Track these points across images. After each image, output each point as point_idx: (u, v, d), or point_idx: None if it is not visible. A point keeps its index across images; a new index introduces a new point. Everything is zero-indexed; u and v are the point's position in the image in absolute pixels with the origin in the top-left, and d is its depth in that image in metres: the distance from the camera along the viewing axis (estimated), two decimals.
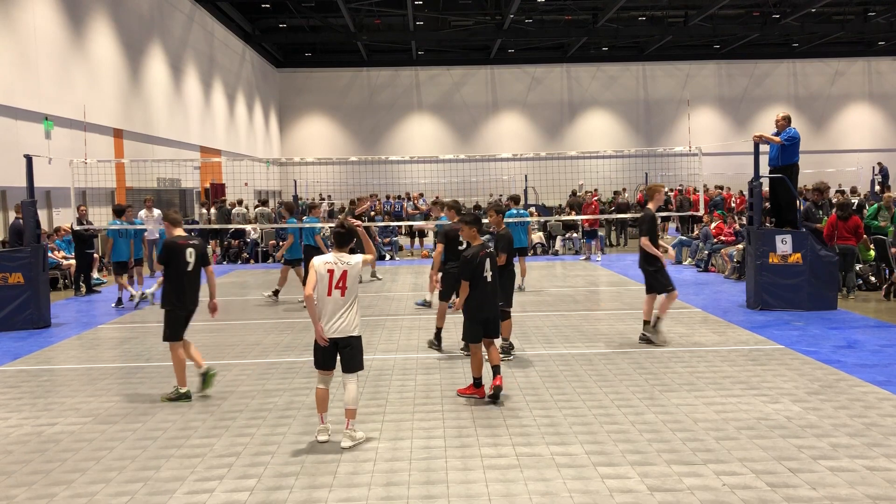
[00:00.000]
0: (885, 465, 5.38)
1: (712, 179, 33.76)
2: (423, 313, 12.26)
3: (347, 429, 6.03)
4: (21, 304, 11.49)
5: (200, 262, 7.56)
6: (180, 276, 7.43)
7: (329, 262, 6.01)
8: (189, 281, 7.46)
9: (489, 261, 7.14)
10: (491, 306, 7.14)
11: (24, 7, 17.37)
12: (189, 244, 7.49)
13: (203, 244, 7.71)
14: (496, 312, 7.24)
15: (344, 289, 6.00)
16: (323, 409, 6.13)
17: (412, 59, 42.64)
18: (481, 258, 7.10)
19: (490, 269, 7.11)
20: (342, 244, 6.14)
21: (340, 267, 6.00)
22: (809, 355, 8.68)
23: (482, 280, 7.06)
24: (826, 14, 36.92)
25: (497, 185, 36.60)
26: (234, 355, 9.45)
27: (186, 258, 7.42)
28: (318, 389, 6.14)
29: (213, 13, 31.15)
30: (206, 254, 7.67)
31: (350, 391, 6.05)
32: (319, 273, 6.00)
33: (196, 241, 7.64)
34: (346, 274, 6.01)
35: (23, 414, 7.14)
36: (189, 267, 7.44)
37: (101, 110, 20.90)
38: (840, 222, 13.22)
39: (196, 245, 7.55)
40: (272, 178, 36.12)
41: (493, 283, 7.15)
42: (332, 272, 5.98)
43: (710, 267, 17.13)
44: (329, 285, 5.98)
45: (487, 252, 7.21)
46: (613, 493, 5.01)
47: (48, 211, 18.49)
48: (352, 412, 6.05)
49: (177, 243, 7.47)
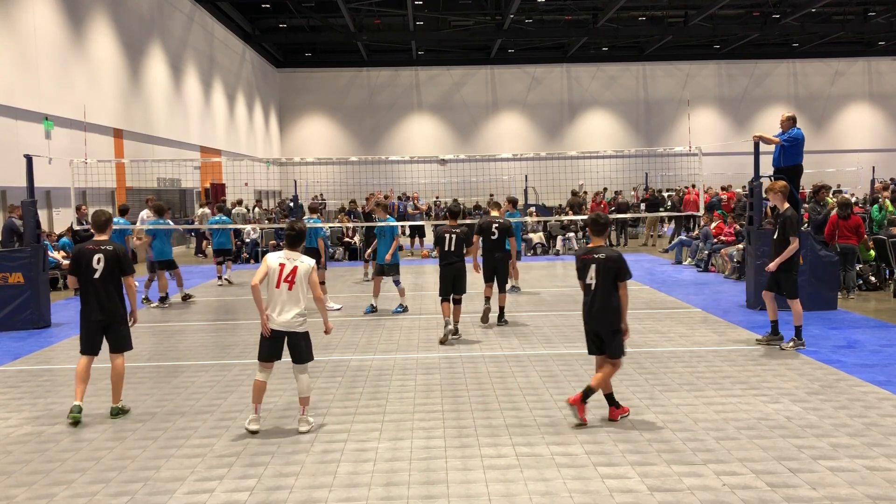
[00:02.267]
0: (885, 465, 5.38)
1: (712, 179, 33.77)
2: (424, 313, 12.26)
3: (303, 415, 6.41)
4: (21, 304, 11.49)
5: (114, 270, 6.86)
6: (85, 284, 6.85)
7: (282, 258, 6.38)
8: (95, 289, 6.81)
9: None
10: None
11: (24, 7, 17.37)
12: (99, 250, 6.84)
13: (119, 250, 6.93)
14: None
15: (292, 283, 6.31)
16: (258, 399, 6.40)
17: (412, 59, 42.65)
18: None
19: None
20: (294, 245, 6.47)
21: (292, 263, 6.34)
22: (809, 355, 8.68)
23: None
24: (826, 14, 36.93)
25: (497, 185, 36.60)
26: (234, 355, 9.45)
27: (93, 265, 6.80)
28: (255, 381, 6.44)
29: (213, 13, 31.16)
30: (119, 261, 6.89)
31: (302, 381, 6.40)
32: (271, 266, 6.35)
33: (111, 246, 6.92)
34: (297, 269, 6.33)
35: (23, 414, 7.14)
36: (96, 274, 6.79)
37: (101, 110, 20.91)
38: (840, 221, 13.21)
39: (107, 251, 6.85)
40: (272, 178, 36.13)
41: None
42: (283, 266, 6.33)
43: (710, 267, 17.13)
44: (279, 278, 6.30)
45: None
46: (613, 493, 5.01)
47: (48, 211, 18.49)
48: (305, 399, 6.43)
49: (84, 249, 6.90)
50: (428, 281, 16.01)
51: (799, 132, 11.65)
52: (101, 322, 6.88)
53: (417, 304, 13.17)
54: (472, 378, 8.03)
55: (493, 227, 10.98)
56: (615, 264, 6.44)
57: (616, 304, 6.42)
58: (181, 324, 11.91)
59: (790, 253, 9.01)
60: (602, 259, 6.45)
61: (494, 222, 11.07)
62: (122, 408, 6.97)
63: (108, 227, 7.15)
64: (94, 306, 6.85)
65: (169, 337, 10.68)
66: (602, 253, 6.48)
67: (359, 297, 14.31)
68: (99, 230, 7.08)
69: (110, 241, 7.01)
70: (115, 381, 6.92)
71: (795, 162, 11.68)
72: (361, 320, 11.76)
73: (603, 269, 6.44)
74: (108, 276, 6.85)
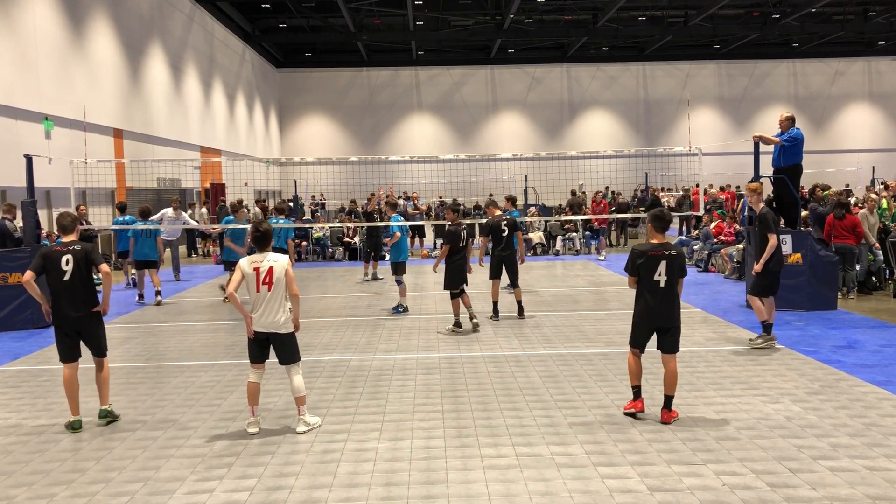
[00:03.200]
0: (885, 465, 5.38)
1: (712, 179, 33.77)
2: (424, 313, 12.26)
3: (300, 415, 6.41)
4: (21, 304, 11.49)
5: (83, 267, 6.70)
6: (55, 286, 6.67)
7: (255, 262, 6.34)
8: (66, 290, 6.63)
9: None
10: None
11: (24, 7, 17.37)
12: (67, 250, 6.68)
13: (87, 248, 6.78)
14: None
15: (271, 284, 6.28)
16: (254, 402, 6.44)
17: (412, 59, 42.65)
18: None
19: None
20: (263, 246, 6.42)
21: (266, 264, 6.31)
22: (809, 355, 8.68)
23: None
24: (826, 14, 36.93)
25: (497, 185, 36.60)
26: (233, 355, 9.45)
27: (62, 266, 6.63)
28: (249, 383, 6.44)
29: (213, 13, 31.16)
30: (88, 256, 6.73)
31: (294, 381, 6.40)
32: (246, 272, 6.32)
33: (79, 246, 6.75)
34: (272, 270, 6.29)
35: (23, 414, 7.14)
36: (66, 276, 6.62)
37: (101, 110, 20.90)
38: (837, 221, 13.21)
39: (75, 250, 6.68)
40: (272, 178, 36.12)
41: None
42: (258, 269, 6.30)
43: (710, 267, 17.13)
44: (257, 282, 6.27)
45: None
46: (613, 493, 5.01)
47: (48, 211, 18.48)
48: (301, 399, 6.42)
49: (52, 251, 6.72)
50: (428, 281, 16.00)
51: (798, 132, 11.71)
52: (75, 322, 6.67)
53: (418, 304, 13.17)
54: (472, 378, 8.03)
55: (502, 225, 11.26)
56: (683, 261, 6.56)
57: (678, 299, 6.53)
58: (181, 324, 11.91)
59: (771, 250, 9.09)
60: (674, 256, 6.47)
61: (502, 220, 11.32)
62: (111, 411, 6.81)
63: (74, 228, 6.97)
64: (66, 308, 6.64)
65: (169, 337, 10.68)
66: (672, 250, 6.50)
67: (359, 297, 14.31)
68: (65, 232, 6.89)
69: (78, 241, 6.85)
70: (101, 385, 6.81)
71: (795, 162, 11.74)
72: (361, 320, 11.76)
73: (674, 266, 6.46)
74: (77, 275, 6.68)
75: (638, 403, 6.61)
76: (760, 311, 9.28)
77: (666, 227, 6.67)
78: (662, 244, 6.52)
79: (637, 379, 6.64)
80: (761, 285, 9.23)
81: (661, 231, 6.62)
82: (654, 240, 6.60)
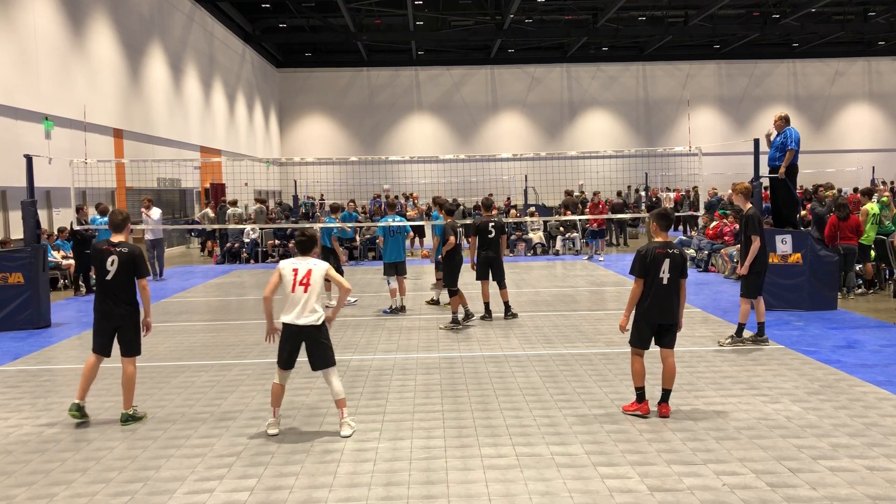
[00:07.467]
0: (885, 465, 5.38)
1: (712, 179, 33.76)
2: (423, 313, 12.26)
3: (343, 419, 6.32)
4: (21, 304, 11.48)
5: (126, 273, 6.73)
6: (100, 283, 6.79)
7: (294, 264, 6.36)
8: (106, 289, 6.72)
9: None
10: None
11: (24, 7, 17.37)
12: (113, 251, 6.71)
13: (134, 254, 6.76)
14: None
15: (307, 286, 6.26)
16: (276, 403, 6.40)
17: (412, 59, 42.65)
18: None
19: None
20: (305, 250, 6.46)
21: (306, 266, 6.31)
22: (809, 355, 8.68)
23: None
24: (826, 14, 36.93)
25: (497, 185, 36.60)
26: (234, 355, 9.45)
27: (106, 266, 6.70)
28: (274, 384, 6.39)
29: (213, 13, 31.16)
30: (134, 263, 6.74)
31: (334, 385, 6.31)
32: (285, 275, 6.31)
33: (126, 248, 6.76)
34: (311, 272, 6.29)
35: (23, 414, 7.14)
36: (108, 276, 6.70)
37: (101, 110, 20.91)
38: (840, 222, 13.21)
39: (121, 253, 6.71)
40: (272, 178, 36.13)
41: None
42: (297, 271, 6.29)
43: (710, 267, 17.14)
44: (294, 283, 6.25)
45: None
46: (613, 493, 5.01)
47: (48, 211, 18.49)
48: (341, 402, 6.34)
49: (101, 249, 6.80)
50: (428, 281, 15.99)
51: (795, 132, 11.72)
52: (116, 318, 6.74)
53: (418, 304, 13.17)
54: (472, 378, 8.03)
55: (489, 227, 11.33)
56: (684, 260, 6.62)
57: (679, 298, 6.57)
58: (181, 324, 11.91)
59: (755, 252, 9.09)
60: (677, 254, 6.56)
61: (490, 221, 11.36)
62: (132, 414, 6.77)
63: (125, 227, 6.92)
64: (104, 306, 6.74)
65: (169, 337, 10.68)
66: (675, 249, 6.60)
67: (359, 297, 14.30)
68: (116, 230, 6.89)
69: (126, 244, 6.82)
70: (125, 386, 6.74)
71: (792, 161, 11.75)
72: (361, 320, 11.76)
73: (676, 265, 6.53)
74: (120, 278, 6.71)
75: (643, 406, 6.60)
76: (760, 313, 9.30)
77: (669, 226, 6.78)
78: (666, 242, 6.62)
79: (641, 380, 6.65)
80: (747, 287, 9.26)
81: (665, 229, 6.72)
82: (658, 238, 6.70)
